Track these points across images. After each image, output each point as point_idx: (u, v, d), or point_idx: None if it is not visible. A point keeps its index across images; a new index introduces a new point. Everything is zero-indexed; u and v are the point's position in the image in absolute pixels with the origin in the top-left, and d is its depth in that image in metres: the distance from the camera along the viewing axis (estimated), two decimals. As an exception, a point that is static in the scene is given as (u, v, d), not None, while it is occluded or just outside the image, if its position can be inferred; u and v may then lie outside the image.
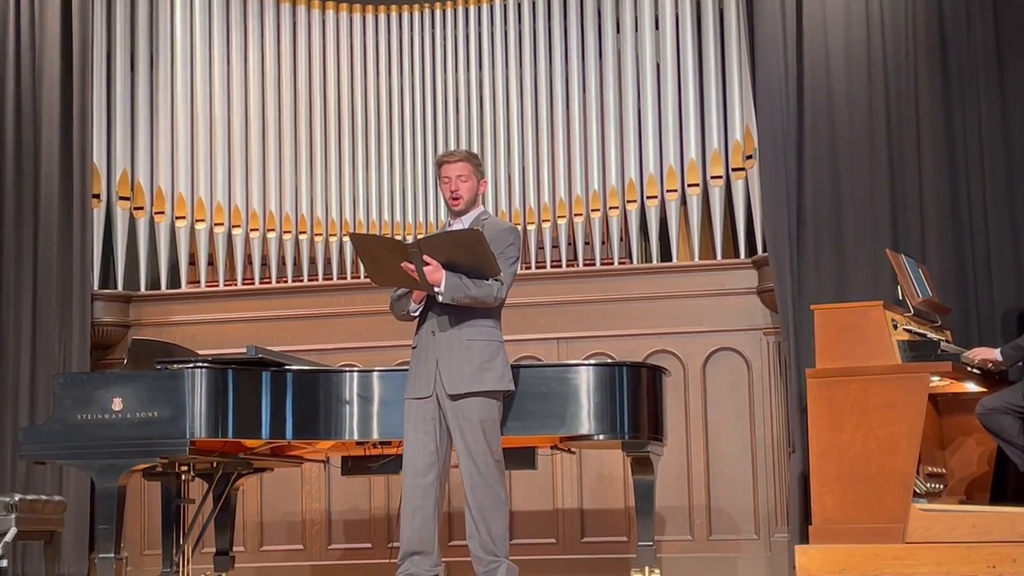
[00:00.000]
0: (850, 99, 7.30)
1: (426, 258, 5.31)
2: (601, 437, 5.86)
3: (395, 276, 5.42)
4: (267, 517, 7.97)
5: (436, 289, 5.36)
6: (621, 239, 7.92)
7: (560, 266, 7.97)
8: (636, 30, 8.07)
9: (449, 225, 5.68)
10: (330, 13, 8.47)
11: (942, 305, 6.70)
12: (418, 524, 5.42)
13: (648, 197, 7.87)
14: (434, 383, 5.43)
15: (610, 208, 7.92)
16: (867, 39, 7.31)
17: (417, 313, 5.54)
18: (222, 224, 8.21)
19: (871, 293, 6.73)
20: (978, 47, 7.16)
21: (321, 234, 8.22)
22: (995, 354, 6.18)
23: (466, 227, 5.53)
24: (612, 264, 7.90)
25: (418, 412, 5.47)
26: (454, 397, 5.40)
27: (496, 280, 5.42)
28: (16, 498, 5.65)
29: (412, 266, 5.32)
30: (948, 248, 7.07)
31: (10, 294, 7.89)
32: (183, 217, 8.22)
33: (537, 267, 7.99)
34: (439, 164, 5.66)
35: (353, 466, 6.48)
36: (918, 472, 5.98)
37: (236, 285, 8.20)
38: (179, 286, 8.26)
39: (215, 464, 6.22)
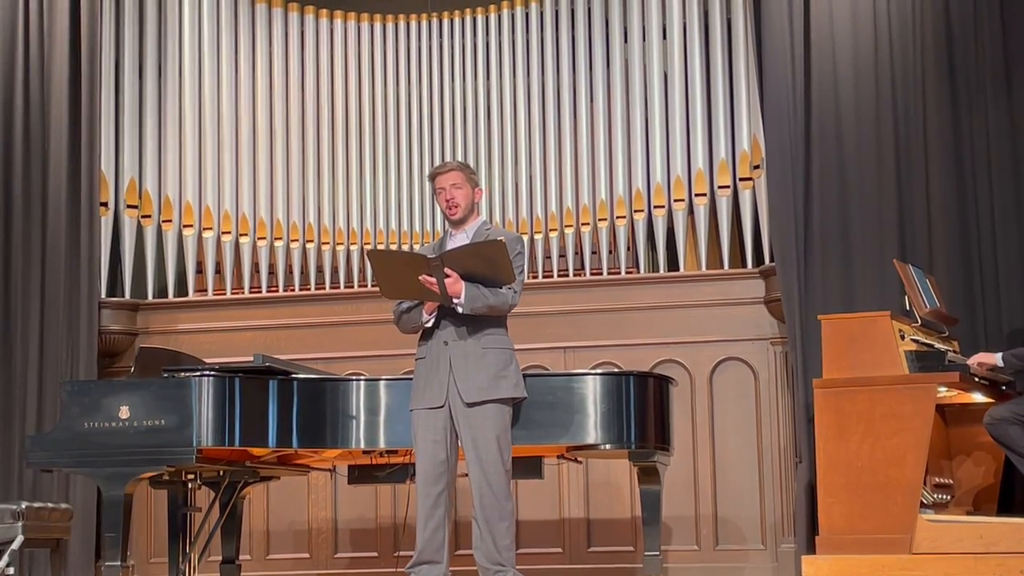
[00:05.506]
0: (857, 109, 7.30)
1: (447, 270, 5.33)
2: (607, 446, 5.86)
3: (410, 289, 5.43)
4: (273, 526, 7.97)
5: (456, 300, 5.38)
6: (628, 248, 7.91)
7: (567, 275, 7.96)
8: (644, 39, 8.08)
9: (451, 236, 5.68)
10: (338, 22, 8.48)
11: (949, 315, 6.69)
12: (428, 534, 5.45)
13: (655, 206, 7.87)
14: (447, 392, 5.45)
15: (617, 217, 7.92)
16: (875, 49, 7.30)
17: (430, 324, 5.55)
18: (229, 232, 8.22)
19: (878, 303, 6.72)
20: (986, 58, 7.15)
21: (328, 243, 8.23)
22: (995, 359, 6.16)
23: (470, 237, 5.58)
24: (619, 273, 7.89)
25: (428, 421, 5.49)
26: (470, 405, 5.41)
27: (509, 288, 5.45)
28: (23, 506, 5.64)
29: (433, 280, 5.33)
30: (955, 258, 7.06)
31: (18, 302, 7.91)
32: (190, 225, 8.23)
33: (544, 276, 7.99)
34: (432, 178, 5.69)
35: (359, 475, 6.49)
36: (925, 483, 5.96)
37: (243, 293, 8.22)
38: (186, 294, 8.27)
39: (221, 472, 6.23)
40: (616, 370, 6.83)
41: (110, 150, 8.24)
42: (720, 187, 7.80)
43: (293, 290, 8.21)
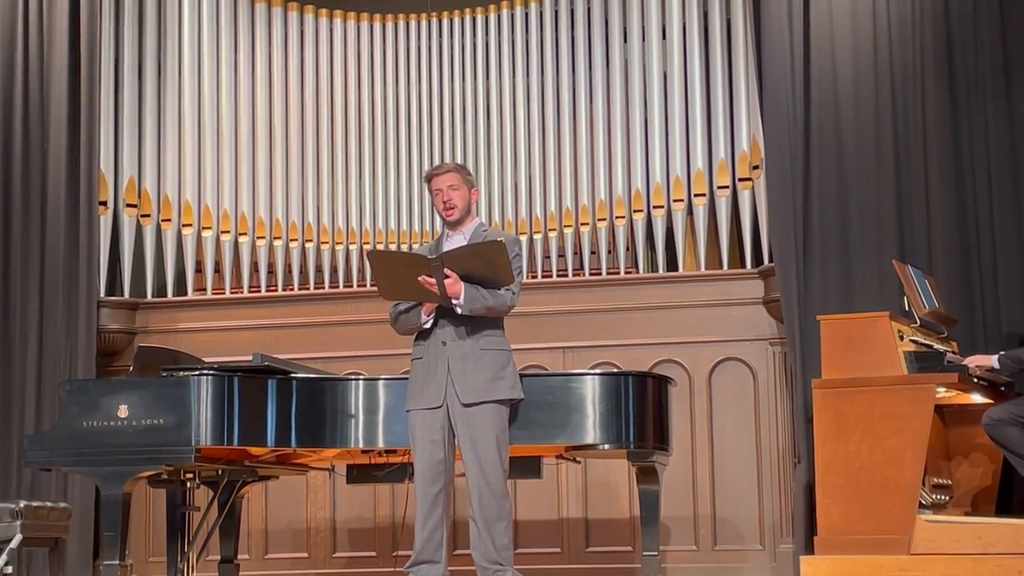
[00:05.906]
0: (857, 109, 7.29)
1: (446, 271, 5.33)
2: (606, 447, 5.86)
3: (410, 291, 5.43)
4: (272, 525, 7.97)
5: (455, 301, 5.38)
6: (627, 249, 7.91)
7: (566, 275, 7.96)
8: (643, 40, 8.08)
9: (448, 237, 5.68)
10: (337, 22, 8.48)
11: (948, 316, 6.69)
12: (427, 533, 5.46)
13: (655, 207, 7.87)
14: (445, 393, 5.45)
15: (617, 218, 7.92)
16: (874, 49, 7.30)
17: (429, 325, 5.54)
18: (228, 232, 8.23)
19: (877, 304, 6.71)
20: (985, 57, 7.14)
21: (327, 242, 8.23)
22: (991, 361, 6.15)
23: (468, 239, 5.58)
24: (618, 274, 7.90)
25: (426, 422, 5.49)
26: (468, 406, 5.41)
27: (507, 289, 5.45)
28: (21, 504, 5.63)
29: (432, 280, 5.33)
30: (954, 259, 7.06)
31: (17, 301, 7.91)
32: (190, 224, 8.24)
33: (543, 276, 7.99)
34: (428, 179, 5.69)
35: (358, 474, 6.49)
36: (923, 483, 5.96)
37: (242, 293, 8.22)
38: (185, 293, 8.27)
39: (220, 471, 6.22)
40: (615, 370, 6.83)
41: (109, 149, 8.24)
42: (719, 187, 7.80)
43: (292, 290, 8.21)
